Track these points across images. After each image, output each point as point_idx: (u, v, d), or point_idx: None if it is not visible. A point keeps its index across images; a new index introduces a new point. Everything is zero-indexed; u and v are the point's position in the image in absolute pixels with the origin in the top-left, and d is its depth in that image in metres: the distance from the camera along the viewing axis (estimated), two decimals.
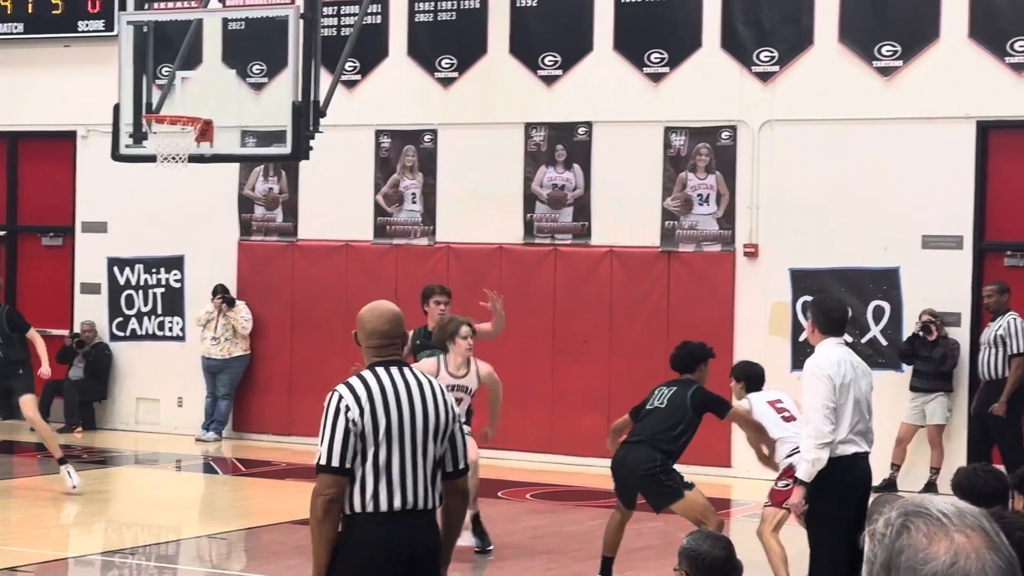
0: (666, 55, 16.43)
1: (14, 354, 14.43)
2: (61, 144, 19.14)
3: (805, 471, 8.52)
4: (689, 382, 10.65)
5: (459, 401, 10.92)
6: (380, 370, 6.06)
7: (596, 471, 16.18)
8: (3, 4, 19.11)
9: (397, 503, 5.91)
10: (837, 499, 8.60)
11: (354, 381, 6.03)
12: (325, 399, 6.01)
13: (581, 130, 16.78)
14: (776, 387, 15.81)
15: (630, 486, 10.60)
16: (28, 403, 14.39)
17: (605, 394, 16.56)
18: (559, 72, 16.85)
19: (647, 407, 10.86)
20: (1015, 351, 14.46)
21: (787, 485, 9.65)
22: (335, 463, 5.90)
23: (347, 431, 5.91)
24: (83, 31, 18.72)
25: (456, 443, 6.13)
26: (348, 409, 5.93)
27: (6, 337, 14.39)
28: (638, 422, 10.73)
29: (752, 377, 11.21)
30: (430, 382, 6.12)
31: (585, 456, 16.57)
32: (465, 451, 6.20)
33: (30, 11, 18.97)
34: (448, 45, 17.24)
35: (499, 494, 14.73)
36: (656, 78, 16.48)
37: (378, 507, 5.91)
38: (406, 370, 6.11)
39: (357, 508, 5.94)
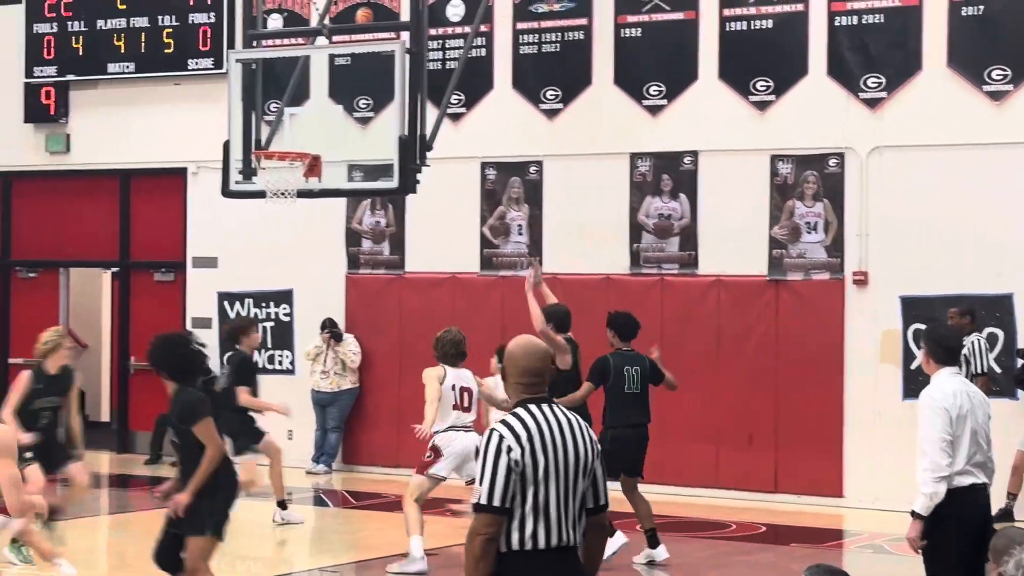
0: (772, 83, 16.35)
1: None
2: (172, 181, 19.39)
3: (922, 505, 8.38)
4: None
5: None
6: (534, 408, 6.07)
7: (705, 501, 16.09)
8: (116, 44, 19.43)
9: (553, 540, 5.95)
10: (955, 532, 8.45)
11: (512, 421, 6.02)
12: (482, 438, 6.01)
13: (687, 159, 16.73)
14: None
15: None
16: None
17: (713, 424, 16.47)
18: (664, 102, 16.82)
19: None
20: None
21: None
22: (496, 503, 5.91)
23: (509, 471, 5.92)
24: (193, 69, 18.99)
25: (597, 479, 6.17)
26: (510, 449, 5.93)
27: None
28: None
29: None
30: (576, 419, 6.14)
31: (693, 487, 16.48)
32: (605, 487, 6.21)
33: (142, 50, 19.27)
34: (553, 76, 17.28)
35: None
36: (762, 106, 16.41)
37: (536, 545, 5.94)
38: (555, 408, 6.13)
39: (514, 546, 5.96)
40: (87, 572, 12.85)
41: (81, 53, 19.68)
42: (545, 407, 6.08)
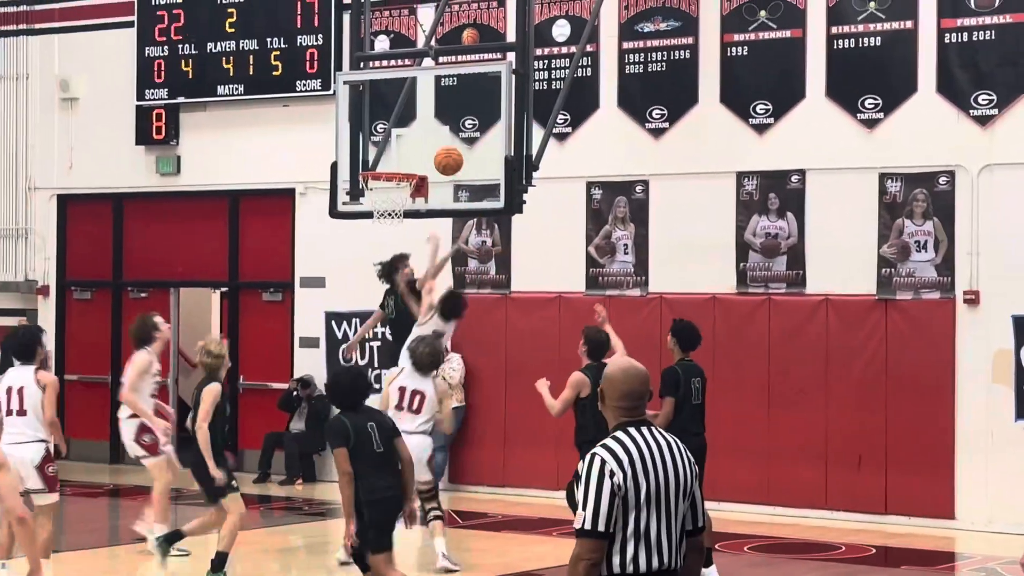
0: (880, 100, 16.20)
1: None
2: (280, 201, 19.58)
3: None
4: None
5: None
6: (633, 431, 6.01)
7: (814, 523, 15.94)
8: (225, 67, 19.66)
9: (655, 564, 5.90)
10: None
11: (614, 444, 5.95)
12: (583, 463, 5.92)
13: (794, 178, 16.62)
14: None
15: None
16: None
17: (822, 444, 16.32)
18: (771, 120, 16.73)
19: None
20: None
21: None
22: (600, 528, 5.84)
23: (612, 495, 5.84)
24: (301, 91, 19.17)
25: (696, 501, 6.09)
26: (613, 474, 5.86)
27: None
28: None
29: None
30: (675, 441, 6.09)
31: (802, 508, 16.34)
32: (703, 508, 6.15)
33: (251, 73, 19.48)
34: (659, 96, 17.24)
35: (716, 546, 14.57)
36: (870, 124, 16.26)
37: (637, 570, 5.89)
38: (654, 430, 6.08)
39: (615, 570, 5.90)
40: None
41: (191, 76, 19.93)
42: (645, 430, 6.02)
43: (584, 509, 5.84)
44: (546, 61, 17.61)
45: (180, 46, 20.00)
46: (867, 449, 16.14)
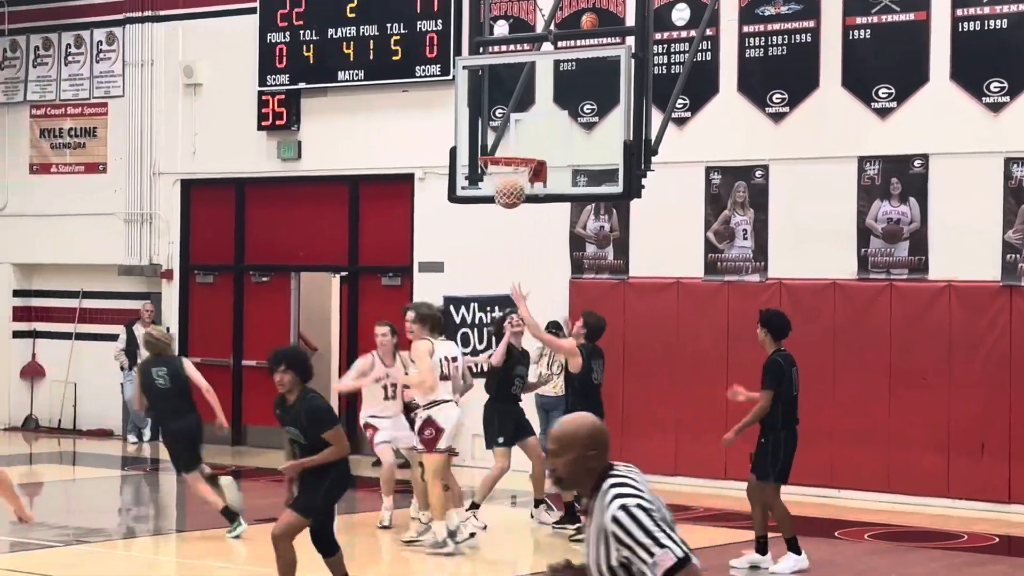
0: (1006, 84, 15.95)
1: None
2: (399, 186, 19.69)
3: None
4: None
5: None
6: (622, 467, 5.59)
7: (935, 511, 15.76)
8: (346, 52, 19.81)
9: None
10: None
11: (628, 482, 5.53)
12: (617, 514, 5.35)
13: (917, 163, 16.42)
14: None
15: None
16: None
17: (945, 432, 16.13)
18: (893, 104, 16.53)
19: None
20: None
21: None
22: (686, 549, 5.41)
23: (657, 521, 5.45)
24: (421, 76, 19.26)
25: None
26: (648, 508, 5.44)
27: None
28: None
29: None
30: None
31: (925, 495, 16.16)
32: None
33: (371, 58, 19.61)
34: (779, 80, 17.11)
35: (836, 534, 14.47)
36: (996, 108, 16.02)
37: None
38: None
39: None
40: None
41: (312, 62, 20.10)
42: (621, 466, 5.64)
43: (662, 547, 5.33)
44: (665, 45, 17.54)
45: (301, 32, 20.17)
46: (990, 436, 15.93)
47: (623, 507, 5.38)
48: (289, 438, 10.21)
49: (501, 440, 14.54)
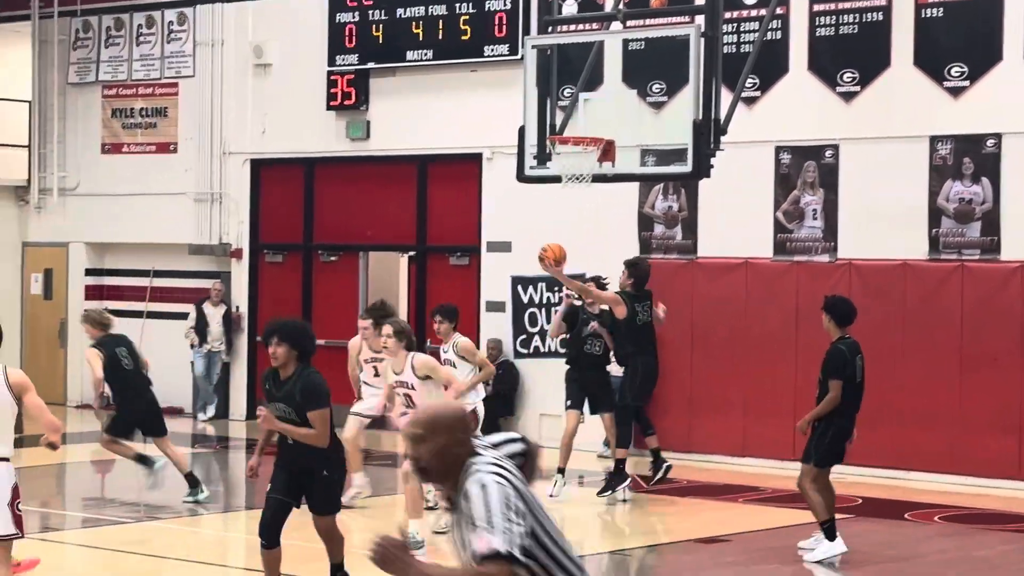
0: None
1: None
2: (468, 166, 19.70)
3: None
4: None
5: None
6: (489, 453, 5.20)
7: (1005, 493, 15.63)
8: (415, 32, 19.83)
9: None
10: None
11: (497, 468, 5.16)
12: (469, 488, 5.02)
13: (990, 142, 16.25)
14: None
15: None
16: None
17: (1015, 414, 15.98)
18: (966, 83, 16.36)
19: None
20: None
21: None
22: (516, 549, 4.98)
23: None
24: (489, 56, 19.25)
25: None
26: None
27: None
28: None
29: None
30: None
31: (994, 478, 16.03)
32: None
33: (440, 38, 19.62)
34: (850, 58, 16.97)
35: (905, 515, 14.38)
36: None
37: None
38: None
39: None
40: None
41: (381, 41, 20.13)
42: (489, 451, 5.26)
43: (491, 529, 4.92)
44: (735, 24, 17.43)
45: (370, 12, 20.20)
46: None
47: (478, 481, 5.01)
48: (275, 415, 9.81)
49: (568, 403, 15.19)
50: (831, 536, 11.99)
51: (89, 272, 23.06)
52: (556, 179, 14.35)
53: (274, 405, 9.77)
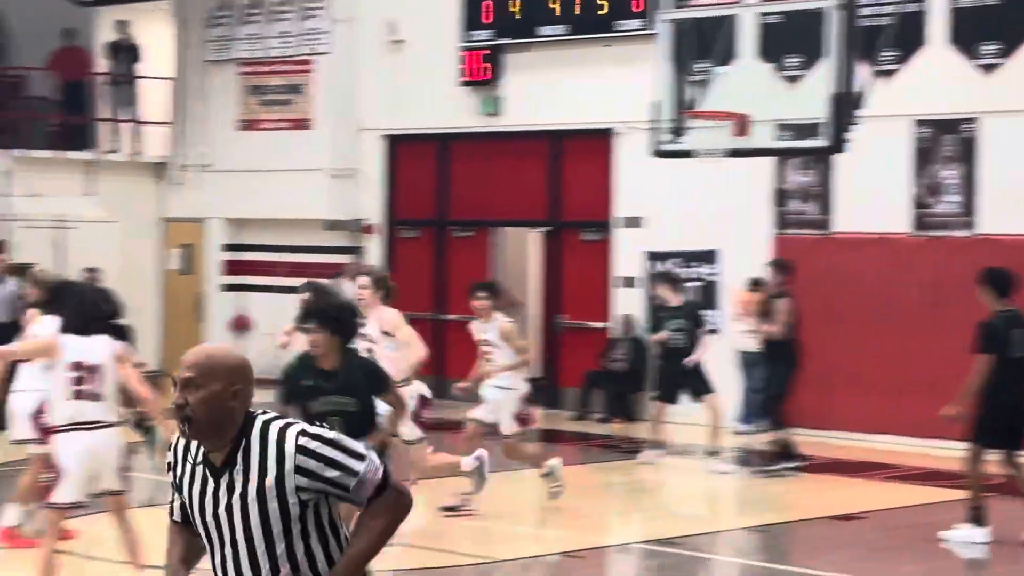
0: None
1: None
2: (600, 141, 19.65)
3: None
4: None
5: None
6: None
7: None
8: (551, 7, 19.80)
9: None
10: None
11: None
12: (301, 442, 4.46)
13: None
14: None
15: None
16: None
17: None
18: None
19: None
20: None
21: None
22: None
23: None
24: (622, 31, 19.18)
25: None
26: None
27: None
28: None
29: None
30: None
31: None
32: None
33: (576, 13, 19.57)
34: (992, 30, 16.65)
35: None
36: None
37: None
38: None
39: None
40: (514, 523, 13.22)
41: (517, 17, 20.13)
42: None
43: (363, 458, 4.48)
44: None
45: None
46: None
47: (303, 432, 4.42)
48: (317, 411, 8.61)
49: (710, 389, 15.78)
50: (979, 521, 11.76)
51: (226, 248, 23.37)
52: (690, 154, 14.28)
53: (323, 400, 8.68)
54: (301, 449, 4.39)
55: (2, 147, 22.16)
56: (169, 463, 4.59)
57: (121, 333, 10.23)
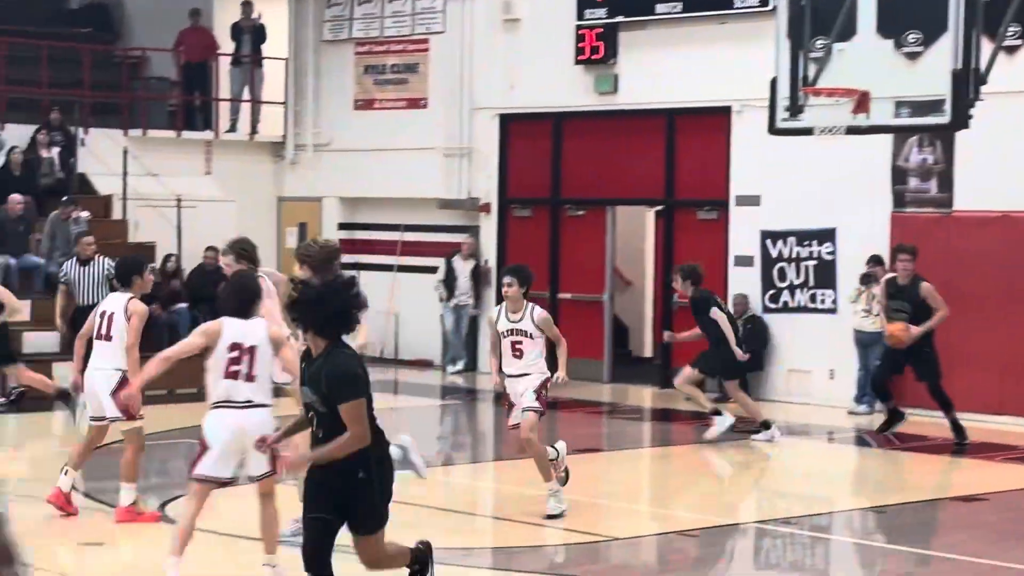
0: None
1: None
2: (716, 119, 19.52)
3: None
4: None
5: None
6: None
7: None
8: None
9: None
10: None
11: None
12: None
13: None
14: None
15: None
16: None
17: None
18: None
19: None
20: None
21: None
22: None
23: None
24: (739, 7, 19.02)
25: None
26: None
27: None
28: None
29: None
30: None
31: None
32: None
33: None
34: None
35: None
36: None
37: None
38: None
39: None
40: (629, 501, 13.20)
41: None
42: None
43: None
44: None
45: None
46: None
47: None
48: (304, 401, 7.67)
49: None
50: None
51: (342, 226, 23.53)
52: (808, 131, 14.12)
53: (302, 390, 7.66)
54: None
55: (122, 127, 22.46)
56: None
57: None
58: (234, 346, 9.05)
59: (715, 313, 15.32)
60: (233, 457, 9.06)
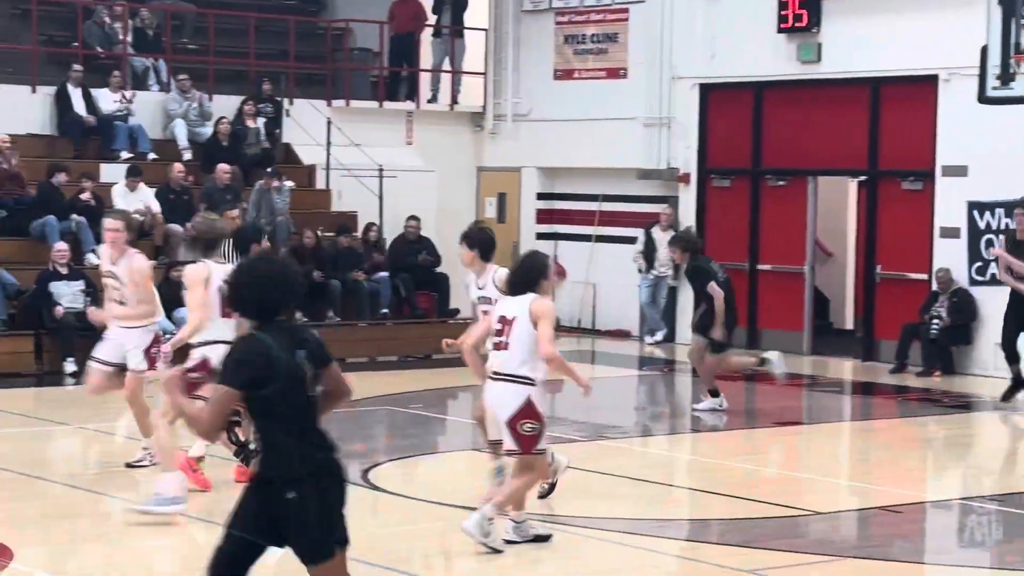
0: None
1: None
2: (922, 88, 19.11)
3: None
4: None
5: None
6: None
7: None
8: None
9: None
10: None
11: None
12: None
13: None
14: None
15: None
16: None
17: None
18: None
19: None
20: None
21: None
22: None
23: None
24: None
25: None
26: None
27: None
28: None
29: None
30: None
31: None
32: None
33: None
34: None
35: None
36: None
37: None
38: None
39: None
40: (829, 475, 13.04)
41: None
42: None
43: None
44: None
45: None
46: None
47: None
48: None
49: None
50: None
51: (540, 196, 23.58)
52: (1020, 100, 13.80)
53: None
54: None
55: (326, 98, 22.78)
56: None
57: None
58: (501, 319, 9.53)
59: (712, 288, 14.90)
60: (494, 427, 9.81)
